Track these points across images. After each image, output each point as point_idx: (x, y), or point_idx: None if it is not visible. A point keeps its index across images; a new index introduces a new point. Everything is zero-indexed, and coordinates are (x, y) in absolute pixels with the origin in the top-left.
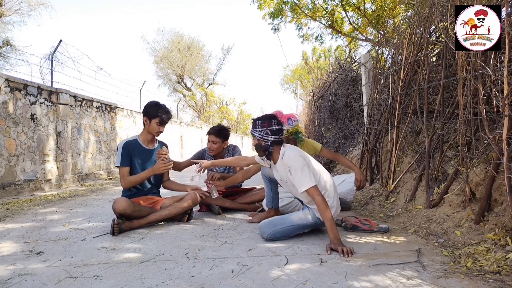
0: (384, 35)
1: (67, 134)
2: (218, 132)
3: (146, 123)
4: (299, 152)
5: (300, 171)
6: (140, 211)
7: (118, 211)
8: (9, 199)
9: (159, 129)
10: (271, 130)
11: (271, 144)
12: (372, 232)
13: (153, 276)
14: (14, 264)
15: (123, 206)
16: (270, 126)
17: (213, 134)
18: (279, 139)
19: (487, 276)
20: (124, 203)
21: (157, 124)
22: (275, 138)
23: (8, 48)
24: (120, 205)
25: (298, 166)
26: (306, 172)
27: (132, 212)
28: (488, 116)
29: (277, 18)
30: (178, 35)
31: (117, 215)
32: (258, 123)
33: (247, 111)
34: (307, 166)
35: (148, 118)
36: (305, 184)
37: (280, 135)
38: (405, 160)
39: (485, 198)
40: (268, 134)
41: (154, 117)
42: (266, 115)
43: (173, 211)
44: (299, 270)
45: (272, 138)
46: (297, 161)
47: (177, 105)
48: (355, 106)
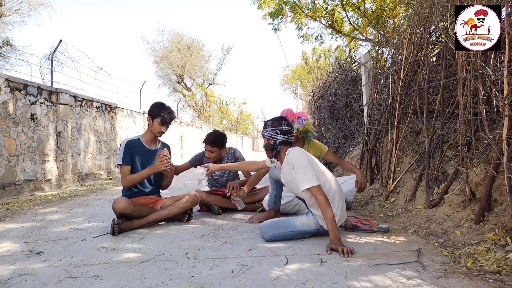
0: (384, 35)
1: (67, 134)
2: (214, 142)
3: (149, 122)
4: (304, 153)
5: (303, 169)
6: (140, 210)
7: (118, 211)
8: (9, 199)
9: (160, 129)
10: (281, 130)
11: (279, 144)
12: (372, 232)
13: (153, 276)
14: (14, 264)
15: (123, 206)
16: (280, 126)
17: (209, 144)
18: (288, 140)
19: (487, 276)
20: (124, 203)
21: (159, 124)
22: (284, 138)
23: (8, 48)
24: (120, 205)
25: (301, 164)
26: (309, 171)
27: (132, 211)
28: (488, 116)
29: (277, 18)
30: (178, 35)
31: (117, 215)
32: (268, 123)
33: (247, 111)
34: (311, 165)
35: (151, 117)
36: (307, 182)
37: (290, 136)
38: (405, 160)
39: (485, 198)
40: (277, 134)
41: (156, 117)
42: (277, 116)
43: (173, 210)
44: (299, 270)
45: (281, 137)
46: (301, 159)
47: (177, 105)
48: (355, 106)
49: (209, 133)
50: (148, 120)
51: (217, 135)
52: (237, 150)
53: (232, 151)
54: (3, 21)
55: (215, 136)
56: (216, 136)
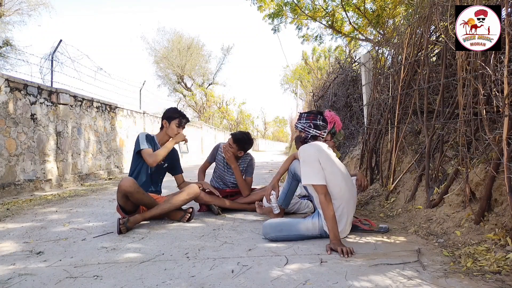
0: (384, 35)
1: (67, 134)
2: (237, 140)
3: (166, 125)
4: (317, 149)
5: (308, 165)
6: (142, 194)
7: (124, 188)
8: (9, 199)
9: (177, 131)
10: (315, 124)
11: (311, 137)
12: (372, 232)
13: (153, 276)
14: (14, 264)
15: (129, 183)
16: (314, 120)
17: (232, 139)
18: (319, 135)
19: (487, 276)
20: (131, 181)
21: (176, 126)
22: (316, 133)
23: (8, 48)
24: (126, 182)
25: (308, 159)
26: (314, 168)
27: (136, 192)
28: (488, 116)
29: (277, 18)
30: (178, 35)
31: (121, 195)
32: (303, 116)
33: (247, 111)
34: (318, 163)
35: (167, 120)
36: (308, 178)
37: (323, 131)
38: (405, 160)
39: (485, 198)
40: (310, 127)
41: (174, 119)
42: (314, 110)
43: (174, 203)
44: (299, 270)
45: (313, 131)
46: (309, 154)
47: (177, 105)
48: (355, 106)
49: (240, 131)
50: (164, 123)
51: (245, 138)
52: (253, 159)
53: (249, 158)
54: (3, 21)
55: (243, 136)
56: (243, 137)
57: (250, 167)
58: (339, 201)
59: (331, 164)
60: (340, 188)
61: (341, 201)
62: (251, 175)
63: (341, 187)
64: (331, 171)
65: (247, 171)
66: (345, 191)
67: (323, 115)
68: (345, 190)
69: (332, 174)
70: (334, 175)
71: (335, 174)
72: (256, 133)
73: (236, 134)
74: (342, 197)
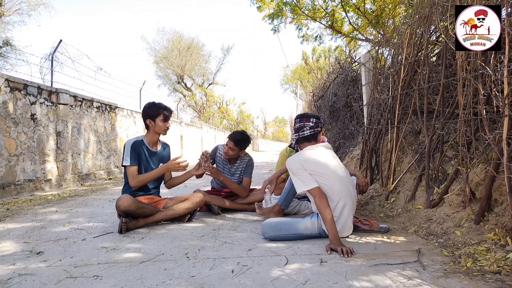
0: (384, 35)
1: (67, 134)
2: (238, 142)
3: (151, 124)
4: (300, 158)
5: (295, 175)
6: (143, 208)
7: (123, 208)
8: (9, 199)
9: (165, 126)
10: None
11: (304, 138)
12: (372, 232)
13: (153, 276)
14: (14, 264)
15: (128, 203)
16: (308, 122)
17: (233, 142)
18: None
19: (487, 276)
20: (129, 200)
21: (162, 121)
22: (311, 132)
23: (8, 48)
24: (124, 202)
25: (294, 169)
26: (302, 176)
27: (136, 209)
28: (488, 116)
29: (277, 18)
30: (178, 35)
31: (121, 213)
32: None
33: (247, 111)
34: (303, 170)
35: (151, 119)
36: (299, 186)
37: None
38: (405, 160)
39: (485, 198)
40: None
41: (157, 116)
42: (309, 113)
43: (178, 211)
44: (299, 270)
45: (307, 132)
46: (293, 165)
47: (177, 105)
48: (355, 106)
49: (237, 132)
50: (149, 123)
51: (245, 138)
52: (252, 159)
53: (247, 158)
54: (3, 21)
55: (242, 137)
56: (243, 138)
57: (249, 168)
58: (335, 201)
59: (320, 167)
60: (333, 190)
61: (337, 200)
62: (250, 175)
63: (334, 188)
64: (320, 174)
65: (245, 171)
66: (340, 191)
67: (317, 117)
68: (340, 190)
69: (322, 176)
70: (324, 177)
71: (326, 176)
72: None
73: (235, 136)
74: (338, 197)
